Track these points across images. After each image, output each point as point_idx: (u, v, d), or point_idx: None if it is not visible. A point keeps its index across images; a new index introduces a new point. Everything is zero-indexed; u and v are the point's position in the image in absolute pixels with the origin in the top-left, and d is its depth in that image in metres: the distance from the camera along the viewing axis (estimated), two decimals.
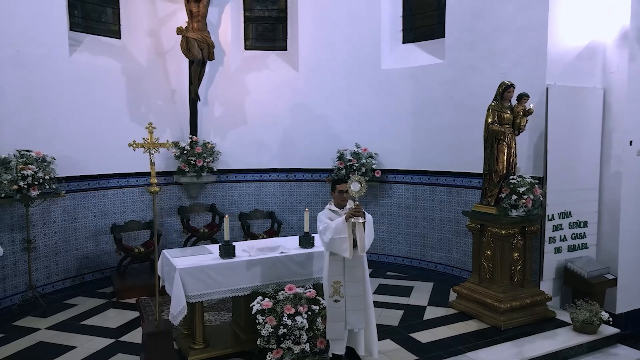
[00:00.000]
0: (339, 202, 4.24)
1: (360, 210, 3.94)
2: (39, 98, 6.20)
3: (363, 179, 4.02)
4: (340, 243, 3.95)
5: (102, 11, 7.37)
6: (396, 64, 7.67)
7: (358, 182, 3.98)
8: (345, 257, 3.99)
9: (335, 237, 3.95)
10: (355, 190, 3.98)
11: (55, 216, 6.49)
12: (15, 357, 4.50)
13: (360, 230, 3.95)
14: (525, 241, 5.39)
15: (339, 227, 3.94)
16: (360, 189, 3.98)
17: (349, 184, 3.99)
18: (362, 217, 3.94)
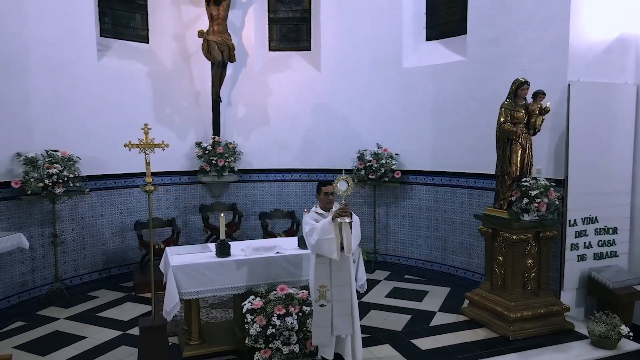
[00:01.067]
0: (324, 204, 4.19)
1: (347, 210, 3.88)
2: (67, 101, 6.56)
3: (350, 178, 3.96)
4: (328, 244, 3.89)
5: (132, 17, 7.70)
6: (417, 62, 7.48)
7: (345, 181, 3.93)
8: (333, 258, 3.93)
9: (323, 238, 3.90)
10: (342, 189, 3.92)
11: (82, 212, 6.86)
12: (29, 345, 4.80)
13: (347, 231, 3.89)
14: (541, 247, 5.09)
15: (325, 227, 3.89)
16: (347, 188, 3.92)
17: (336, 183, 3.93)
18: (349, 217, 3.87)
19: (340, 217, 3.84)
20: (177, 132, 7.84)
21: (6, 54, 5.87)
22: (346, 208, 3.87)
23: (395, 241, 7.86)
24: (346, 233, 3.88)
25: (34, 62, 6.19)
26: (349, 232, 3.88)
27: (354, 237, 3.90)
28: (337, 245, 3.90)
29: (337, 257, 3.92)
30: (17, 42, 5.98)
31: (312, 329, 4.06)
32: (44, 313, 5.68)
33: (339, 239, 3.91)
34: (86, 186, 6.55)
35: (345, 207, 3.87)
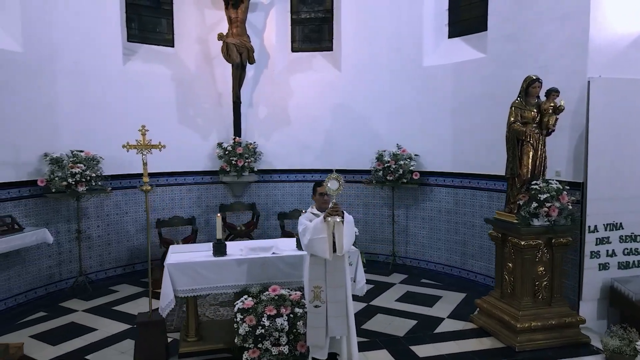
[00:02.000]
0: (320, 204, 4.15)
1: (337, 209, 3.83)
2: (93, 104, 6.89)
3: (341, 177, 3.90)
4: (320, 244, 3.85)
5: (158, 22, 7.99)
6: (438, 60, 7.28)
7: (336, 180, 3.88)
8: (326, 258, 3.89)
9: (315, 238, 3.87)
10: (333, 188, 3.88)
11: (108, 210, 7.19)
12: (44, 334, 5.08)
13: (339, 230, 3.83)
14: (553, 254, 4.79)
15: (317, 227, 3.86)
16: (338, 187, 3.87)
17: (326, 182, 3.89)
18: (340, 217, 3.82)
19: (330, 217, 3.80)
20: (199, 133, 8.05)
21: (36, 60, 6.24)
22: (336, 207, 3.83)
23: (415, 244, 7.68)
24: (338, 233, 3.82)
25: (61, 67, 6.55)
26: (340, 232, 3.82)
27: (346, 237, 3.83)
28: (330, 245, 3.85)
29: (330, 257, 3.87)
30: (46, 49, 6.35)
31: (307, 330, 4.03)
32: (66, 305, 6.00)
33: (331, 239, 3.85)
34: (109, 185, 6.85)
35: (335, 206, 3.82)
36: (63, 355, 4.58)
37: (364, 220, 8.11)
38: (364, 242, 8.11)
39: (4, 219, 5.69)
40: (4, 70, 5.86)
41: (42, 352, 4.62)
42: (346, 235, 3.81)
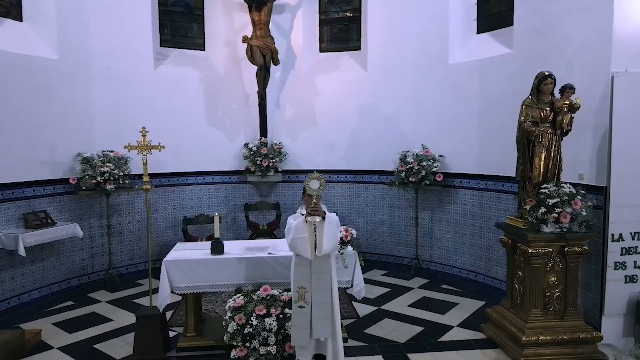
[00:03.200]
0: (308, 205, 4.12)
1: (317, 208, 3.79)
2: (125, 106, 7.28)
3: (322, 177, 3.88)
4: (302, 243, 3.85)
5: (190, 27, 8.29)
6: (464, 57, 6.99)
7: (317, 179, 3.86)
8: (308, 258, 3.88)
9: (297, 237, 3.86)
10: (314, 188, 3.86)
11: (138, 207, 7.56)
12: (65, 322, 5.45)
13: (319, 231, 3.80)
14: (567, 263, 4.45)
15: (299, 226, 3.85)
16: (319, 186, 3.85)
17: (307, 181, 3.87)
18: (321, 217, 3.78)
19: (310, 216, 3.77)
20: (227, 134, 8.26)
21: (71, 65, 6.69)
22: (316, 206, 3.79)
23: (440, 248, 7.42)
24: (318, 233, 3.79)
25: (95, 72, 6.98)
26: (321, 232, 3.78)
27: (326, 237, 3.78)
28: (311, 245, 3.83)
29: (311, 257, 3.86)
30: (80, 55, 6.79)
31: (292, 330, 4.03)
32: (93, 295, 6.39)
33: (312, 238, 3.84)
34: (139, 183, 7.20)
35: (315, 206, 3.79)
36: (75, 343, 4.88)
37: (389, 222, 7.96)
38: (388, 244, 7.98)
39: (38, 214, 6.16)
40: (42, 77, 6.34)
41: (58, 339, 4.95)
42: (326, 235, 3.76)
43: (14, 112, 6.00)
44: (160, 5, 7.89)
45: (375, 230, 8.10)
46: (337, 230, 3.89)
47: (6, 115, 5.91)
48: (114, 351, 4.65)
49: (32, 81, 6.22)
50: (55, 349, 4.73)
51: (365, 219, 8.17)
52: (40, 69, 6.30)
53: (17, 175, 6.05)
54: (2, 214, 5.85)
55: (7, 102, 5.94)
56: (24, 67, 6.13)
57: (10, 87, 5.97)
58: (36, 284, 6.31)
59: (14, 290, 6.00)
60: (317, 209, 3.77)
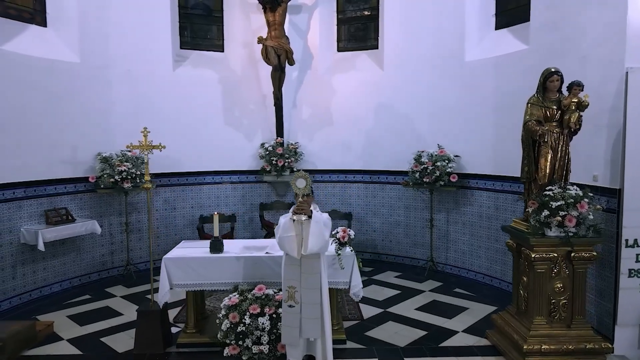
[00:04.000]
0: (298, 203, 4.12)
1: (302, 207, 3.79)
2: (145, 107, 7.48)
3: (308, 176, 3.88)
4: (288, 242, 3.87)
5: (209, 29, 8.45)
6: (480, 54, 6.78)
7: (303, 178, 3.87)
8: (295, 257, 3.89)
9: (284, 236, 3.89)
10: (300, 187, 3.89)
11: (157, 205, 7.77)
12: (79, 315, 5.67)
13: (305, 229, 3.79)
14: (574, 270, 4.23)
15: (286, 225, 3.88)
16: (305, 185, 3.86)
17: (294, 180, 3.89)
18: (307, 215, 3.77)
19: (296, 215, 3.78)
20: (244, 134, 8.36)
21: (93, 68, 6.95)
22: (302, 205, 3.79)
23: (456, 251, 7.23)
24: (305, 232, 3.79)
25: (115, 74, 7.21)
26: (307, 231, 3.78)
27: (312, 236, 3.76)
28: (298, 243, 3.84)
29: (297, 256, 3.87)
30: (101, 58, 7.04)
31: (282, 328, 4.05)
32: (110, 290, 6.61)
33: (300, 237, 3.84)
34: (157, 182, 7.41)
35: (301, 204, 3.80)
36: (83, 335, 5.07)
37: (405, 223, 7.83)
38: (404, 245, 7.85)
39: (59, 211, 6.43)
40: (64, 79, 6.62)
41: (68, 331, 5.16)
42: (312, 235, 3.74)
43: (38, 113, 6.29)
44: (181, 8, 8.08)
45: (391, 231, 7.98)
46: (325, 230, 3.86)
47: (30, 116, 6.21)
48: (117, 345, 4.80)
49: (54, 84, 6.50)
50: (64, 341, 4.93)
51: (381, 219, 8.07)
52: (62, 72, 6.58)
53: (39, 174, 6.35)
54: (24, 211, 6.15)
55: (31, 104, 6.23)
56: (47, 71, 6.42)
57: (34, 89, 6.26)
58: (57, 278, 6.59)
59: (35, 283, 6.30)
60: (303, 207, 3.76)
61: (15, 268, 6.03)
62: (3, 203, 5.87)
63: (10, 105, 5.95)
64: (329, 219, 4.07)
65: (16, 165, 6.02)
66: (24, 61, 6.11)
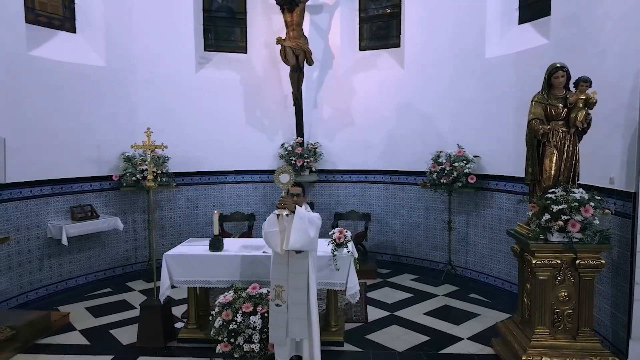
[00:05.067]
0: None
1: (284, 202, 3.79)
2: (168, 108, 7.73)
3: (291, 170, 3.89)
4: (272, 237, 3.91)
5: (232, 31, 8.61)
6: (501, 50, 6.51)
7: (287, 173, 3.89)
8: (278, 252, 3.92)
9: (268, 231, 3.93)
10: (283, 181, 3.90)
11: (180, 203, 8.01)
12: (96, 307, 5.93)
13: (288, 225, 3.79)
14: (580, 278, 3.97)
15: (270, 220, 3.92)
16: (289, 180, 3.88)
17: (277, 175, 3.92)
18: (289, 211, 3.77)
19: (278, 210, 3.79)
20: (266, 134, 8.45)
21: (118, 71, 7.26)
22: (284, 200, 3.80)
23: (475, 254, 6.97)
24: (287, 227, 3.79)
25: (140, 77, 7.50)
26: (289, 226, 3.78)
27: (295, 232, 3.75)
28: (282, 239, 3.86)
29: (280, 252, 3.90)
30: (126, 61, 7.34)
31: (269, 327, 4.06)
32: (130, 284, 6.88)
33: (284, 233, 3.85)
34: (179, 181, 7.65)
35: (283, 199, 3.80)
36: (95, 327, 5.31)
37: (425, 225, 7.65)
38: (424, 248, 7.67)
39: (84, 207, 6.77)
40: (91, 82, 6.95)
41: (82, 322, 5.42)
42: (295, 230, 3.73)
43: (66, 114, 6.64)
44: (205, 11, 8.29)
45: (411, 233, 7.82)
46: (310, 227, 3.82)
47: (59, 118, 6.56)
48: (123, 337, 4.98)
49: (82, 87, 6.84)
50: (76, 331, 5.18)
51: (401, 221, 7.92)
52: (89, 75, 6.91)
53: (67, 172, 6.70)
54: (52, 207, 6.51)
55: (60, 106, 6.59)
56: (75, 74, 6.75)
57: (63, 92, 6.62)
58: (83, 271, 6.94)
59: (61, 276, 6.66)
60: (286, 202, 3.76)
61: (42, 261, 6.40)
62: (31, 199, 6.25)
63: (39, 107, 6.31)
64: (319, 219, 4.05)
65: (44, 163, 6.38)
66: (52, 66, 6.47)
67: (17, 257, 6.05)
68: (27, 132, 6.16)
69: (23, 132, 6.09)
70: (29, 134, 6.18)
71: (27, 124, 6.15)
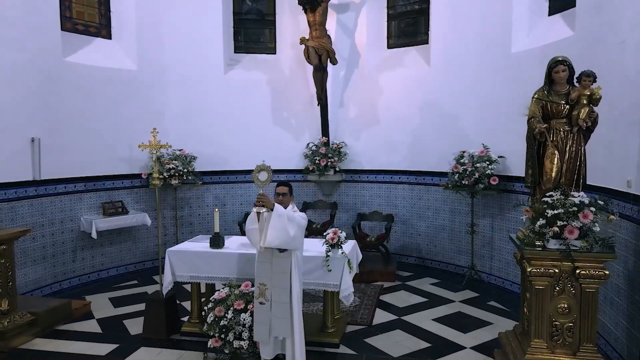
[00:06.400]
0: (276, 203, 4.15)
1: (261, 199, 3.81)
2: (196, 109, 8.02)
3: (269, 168, 3.92)
4: (252, 234, 3.99)
5: (262, 33, 8.76)
6: (528, 44, 6.15)
7: (265, 171, 3.93)
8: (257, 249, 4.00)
9: (249, 228, 4.00)
10: (262, 179, 3.94)
11: (208, 201, 8.28)
12: (118, 298, 6.28)
13: (266, 222, 3.82)
14: (582, 289, 3.66)
15: (251, 218, 3.99)
16: (267, 178, 3.91)
17: (255, 173, 3.97)
18: (267, 208, 3.79)
19: (256, 207, 3.83)
20: (292, 133, 8.52)
21: (149, 75, 7.63)
22: (261, 198, 3.82)
23: (500, 260, 6.63)
24: (266, 224, 3.82)
25: (169, 80, 7.83)
26: (268, 224, 3.80)
27: (272, 229, 3.76)
28: (260, 236, 3.89)
29: (260, 249, 3.97)
30: (157, 65, 7.70)
31: (254, 325, 4.11)
32: (156, 278, 7.18)
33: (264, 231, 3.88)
34: (202, 179, 7.90)
35: (260, 197, 3.83)
36: (112, 316, 5.62)
37: (450, 227, 7.38)
38: (449, 251, 7.42)
39: (115, 203, 7.18)
40: (123, 85, 7.35)
41: (101, 311, 5.75)
42: (272, 228, 3.75)
43: (99, 116, 7.08)
44: (235, 14, 8.50)
45: (436, 236, 7.57)
46: (290, 225, 3.81)
47: (92, 119, 7.01)
48: (133, 328, 5.23)
49: (114, 90, 7.26)
50: (94, 320, 5.51)
51: (426, 223, 7.69)
52: (121, 79, 7.32)
53: (100, 170, 7.15)
54: (85, 202, 6.97)
55: (95, 108, 7.03)
56: (109, 79, 7.18)
57: (97, 95, 7.06)
58: (114, 263, 7.36)
59: (93, 267, 7.10)
60: (263, 200, 3.79)
61: (75, 252, 6.86)
62: (65, 195, 6.72)
63: (74, 109, 6.76)
64: (304, 219, 4.04)
65: (78, 162, 6.83)
66: (87, 71, 6.92)
67: (51, 248, 6.52)
68: (63, 132, 6.62)
69: (59, 133, 6.56)
70: (64, 135, 6.64)
71: (62, 125, 6.62)
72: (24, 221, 6.10)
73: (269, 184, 4.06)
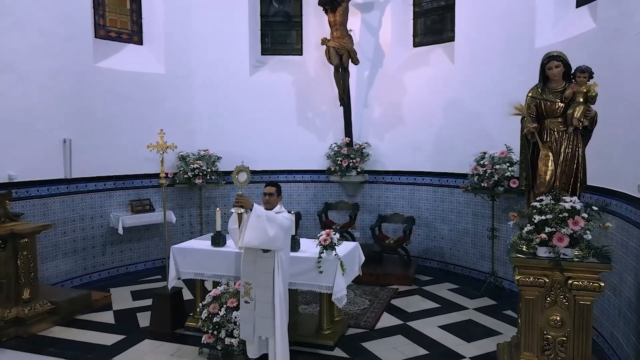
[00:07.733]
0: (264, 204, 4.20)
1: (239, 200, 3.87)
2: (223, 110, 8.24)
3: (248, 168, 3.98)
4: (233, 234, 4.11)
5: (288, 34, 8.85)
6: (551, 39, 5.79)
7: (245, 172, 3.99)
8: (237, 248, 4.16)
9: (230, 228, 4.12)
10: (241, 180, 4.01)
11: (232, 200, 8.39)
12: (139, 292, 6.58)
13: (245, 222, 3.87)
14: (576, 301, 3.41)
15: (232, 218, 4.07)
16: (246, 178, 3.98)
17: (235, 173, 4.03)
18: (245, 209, 3.84)
19: (234, 207, 3.90)
20: (316, 134, 8.54)
21: (177, 78, 7.94)
22: (239, 199, 3.88)
23: None
24: (244, 224, 3.88)
25: (197, 82, 8.11)
26: (246, 224, 3.85)
27: (249, 229, 3.81)
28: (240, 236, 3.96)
29: (239, 249, 4.12)
30: (184, 70, 8.00)
31: (240, 323, 4.18)
32: None
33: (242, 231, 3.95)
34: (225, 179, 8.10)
35: (238, 197, 3.89)
36: (128, 309, 5.90)
37: (473, 232, 7.11)
38: (472, 256, 7.15)
39: (142, 201, 7.54)
40: (153, 89, 7.70)
41: (120, 303, 6.06)
42: (250, 228, 3.81)
43: (128, 118, 7.45)
44: (262, 17, 8.66)
45: (460, 240, 7.31)
46: (270, 226, 3.83)
47: (123, 121, 7.39)
48: (143, 321, 5.46)
49: (143, 93, 7.61)
50: (111, 311, 5.81)
51: (449, 226, 7.45)
52: (150, 82, 7.66)
53: (129, 169, 7.52)
54: (114, 200, 7.37)
55: (125, 111, 7.42)
56: (139, 82, 7.55)
57: (127, 98, 7.44)
58: (141, 258, 7.73)
59: (122, 261, 7.49)
60: (241, 200, 3.84)
61: (105, 247, 7.27)
62: (96, 193, 7.14)
63: (105, 112, 7.17)
64: (289, 220, 4.06)
65: (108, 161, 7.23)
66: (117, 75, 7.30)
67: (81, 242, 6.96)
68: (94, 134, 7.03)
69: (90, 134, 6.97)
70: (95, 136, 7.06)
71: (93, 127, 7.03)
72: (55, 216, 6.55)
73: (247, 185, 4.09)
